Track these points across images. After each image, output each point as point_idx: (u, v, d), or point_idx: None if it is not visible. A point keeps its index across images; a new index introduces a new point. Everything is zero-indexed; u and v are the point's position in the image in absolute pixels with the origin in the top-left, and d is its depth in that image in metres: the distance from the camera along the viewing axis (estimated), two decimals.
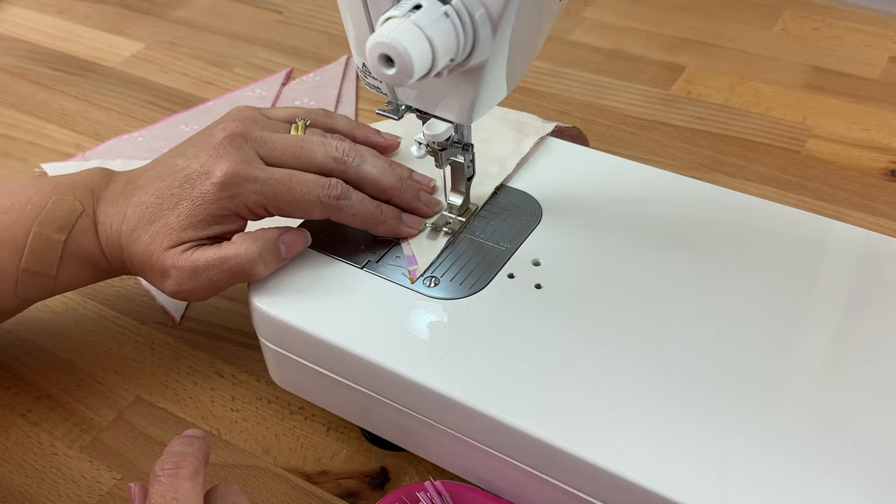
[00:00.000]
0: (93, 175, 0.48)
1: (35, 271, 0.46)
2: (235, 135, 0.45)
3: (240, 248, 0.44)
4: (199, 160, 0.45)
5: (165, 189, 0.45)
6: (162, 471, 0.36)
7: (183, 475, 0.36)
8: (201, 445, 0.38)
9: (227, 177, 0.43)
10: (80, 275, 0.48)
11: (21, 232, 0.46)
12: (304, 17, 0.87)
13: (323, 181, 0.45)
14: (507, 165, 0.51)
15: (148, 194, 0.45)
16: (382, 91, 0.44)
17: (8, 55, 0.85)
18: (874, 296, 0.43)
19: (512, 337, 0.42)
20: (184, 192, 0.44)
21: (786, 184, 0.63)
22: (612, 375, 0.40)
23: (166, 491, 0.35)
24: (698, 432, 0.37)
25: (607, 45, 0.80)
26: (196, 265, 0.44)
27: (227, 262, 0.44)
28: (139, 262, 0.46)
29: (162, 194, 0.45)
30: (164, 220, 0.44)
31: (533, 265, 0.46)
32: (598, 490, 0.38)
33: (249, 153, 0.45)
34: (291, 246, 0.45)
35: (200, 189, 0.44)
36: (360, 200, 0.46)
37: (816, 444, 0.37)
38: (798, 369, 0.40)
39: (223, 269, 0.44)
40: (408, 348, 0.42)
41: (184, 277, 0.44)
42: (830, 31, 0.79)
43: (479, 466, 0.42)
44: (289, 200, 0.44)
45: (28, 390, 0.53)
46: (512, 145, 0.53)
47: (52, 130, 0.74)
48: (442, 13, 0.34)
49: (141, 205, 0.45)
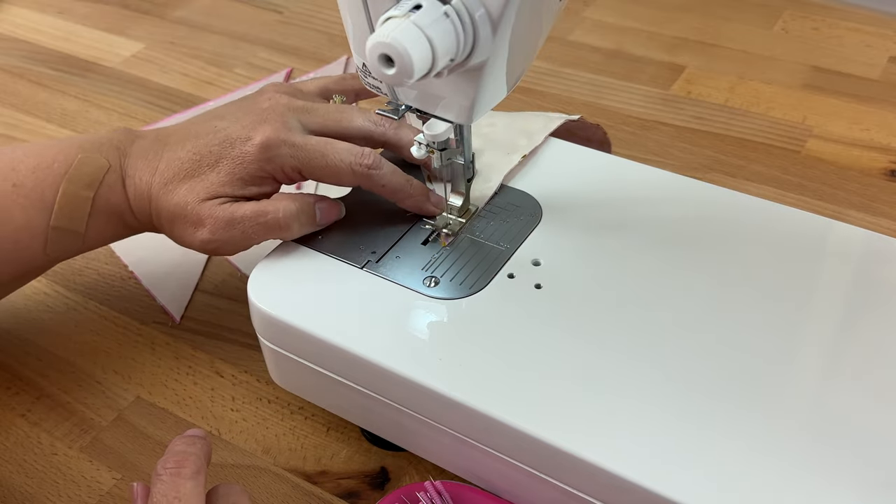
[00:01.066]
0: (118, 133, 0.50)
1: (65, 228, 0.47)
2: (280, 103, 0.47)
3: (279, 205, 0.46)
4: (241, 123, 0.46)
5: (203, 147, 0.46)
6: (164, 470, 0.36)
7: (185, 474, 0.36)
8: (203, 445, 0.38)
9: (268, 140, 0.45)
10: (107, 230, 0.49)
11: (49, 191, 0.47)
12: (304, 17, 0.87)
13: (356, 150, 0.46)
14: (536, 139, 0.53)
15: (184, 150, 0.47)
16: (382, 91, 0.44)
17: (8, 55, 0.85)
18: (874, 296, 0.43)
19: (512, 337, 0.42)
20: (224, 152, 0.46)
21: (786, 184, 0.63)
22: (612, 375, 0.40)
23: (168, 490, 0.35)
24: (698, 431, 0.37)
25: (607, 45, 0.80)
26: (233, 216, 0.45)
27: (265, 215, 0.45)
28: (169, 214, 0.47)
29: (200, 151, 0.46)
30: (203, 176, 0.46)
31: (533, 265, 0.46)
32: (598, 490, 0.38)
33: (292, 121, 0.46)
34: (326, 213, 0.47)
35: (241, 150, 0.46)
36: (392, 172, 0.47)
37: (816, 445, 0.37)
38: (798, 370, 0.40)
39: (259, 223, 0.45)
40: (408, 348, 0.42)
41: (219, 227, 0.45)
42: (830, 31, 0.79)
43: (479, 466, 0.42)
44: (322, 167, 0.46)
45: (28, 390, 0.53)
46: (541, 122, 0.54)
47: (52, 130, 0.74)
48: (442, 13, 0.34)
49: (176, 160, 0.47)
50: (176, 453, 0.37)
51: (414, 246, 0.48)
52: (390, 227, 0.49)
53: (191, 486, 0.36)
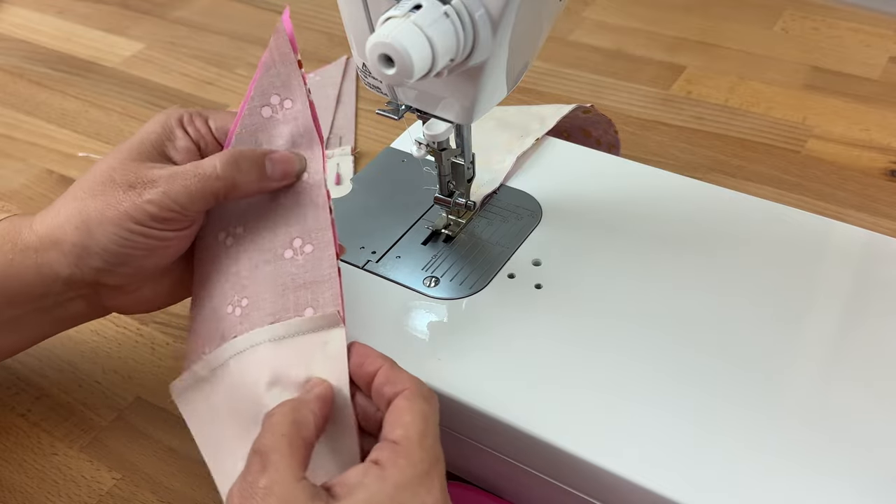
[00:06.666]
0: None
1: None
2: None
3: (213, 159, 0.41)
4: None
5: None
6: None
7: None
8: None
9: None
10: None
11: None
12: (304, 17, 0.87)
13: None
14: (548, 123, 0.54)
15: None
16: (382, 91, 0.44)
17: (8, 55, 0.85)
18: (874, 296, 0.43)
19: (512, 337, 0.42)
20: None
21: (786, 184, 0.63)
22: (612, 375, 0.40)
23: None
24: (697, 429, 0.37)
25: (607, 45, 0.80)
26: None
27: (200, 167, 0.41)
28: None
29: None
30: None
31: (533, 265, 0.46)
32: (598, 490, 0.38)
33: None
34: (280, 163, 0.41)
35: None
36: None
37: (816, 444, 0.37)
38: (798, 369, 0.40)
39: (197, 175, 0.40)
40: (407, 348, 0.42)
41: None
42: (830, 31, 0.79)
43: (479, 466, 0.42)
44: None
45: (28, 390, 0.53)
46: (552, 109, 0.55)
47: (52, 130, 0.74)
48: (442, 13, 0.34)
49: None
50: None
51: (414, 246, 0.48)
52: (390, 227, 0.49)
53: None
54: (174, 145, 0.43)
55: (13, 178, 0.69)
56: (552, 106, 0.56)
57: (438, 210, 0.49)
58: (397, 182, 0.52)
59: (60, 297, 0.43)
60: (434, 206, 0.49)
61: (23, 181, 0.69)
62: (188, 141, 0.43)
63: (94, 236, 0.40)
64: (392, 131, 0.62)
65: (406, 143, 0.54)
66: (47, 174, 0.69)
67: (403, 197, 0.51)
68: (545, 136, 0.54)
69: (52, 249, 0.41)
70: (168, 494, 0.47)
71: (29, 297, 0.42)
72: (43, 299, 0.43)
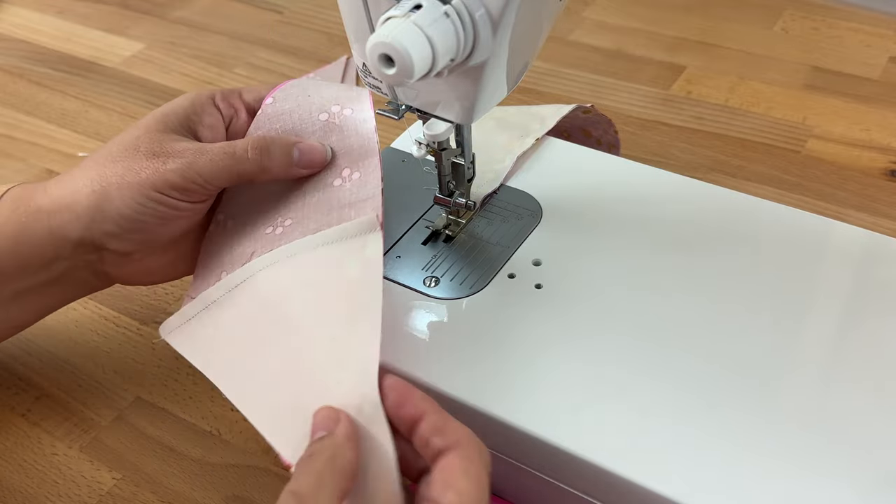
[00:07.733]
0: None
1: None
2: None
3: (246, 140, 0.44)
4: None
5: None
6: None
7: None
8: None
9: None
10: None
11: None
12: (304, 17, 0.87)
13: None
14: (548, 123, 0.54)
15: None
16: (382, 91, 0.44)
17: (8, 55, 0.85)
18: (874, 296, 0.43)
19: (512, 337, 0.42)
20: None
21: (786, 184, 0.63)
22: (613, 375, 0.40)
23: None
24: (697, 430, 0.37)
25: (607, 45, 0.80)
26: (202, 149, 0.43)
27: (232, 146, 0.43)
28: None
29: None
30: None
31: (533, 265, 0.46)
32: (598, 490, 0.38)
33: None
34: (307, 153, 0.44)
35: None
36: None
37: (816, 444, 0.37)
38: (798, 370, 0.40)
39: (227, 153, 0.43)
40: (407, 348, 0.42)
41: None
42: (830, 31, 0.79)
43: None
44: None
45: (28, 390, 0.53)
46: (552, 109, 0.55)
47: (52, 130, 0.74)
48: (442, 13, 0.34)
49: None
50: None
51: (414, 246, 0.48)
52: (390, 227, 0.49)
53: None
54: (201, 120, 0.44)
55: (13, 178, 0.69)
56: (552, 106, 0.56)
57: (438, 210, 0.49)
58: (397, 182, 0.52)
59: (68, 261, 0.43)
60: (434, 206, 0.49)
61: (23, 181, 0.69)
62: (217, 117, 0.45)
63: (111, 200, 0.41)
64: (392, 131, 0.62)
65: (406, 143, 0.54)
66: (47, 174, 0.69)
67: (403, 197, 0.51)
68: (545, 136, 0.54)
69: (66, 211, 0.42)
70: (168, 494, 0.47)
71: (40, 261, 0.43)
72: (52, 265, 0.43)
